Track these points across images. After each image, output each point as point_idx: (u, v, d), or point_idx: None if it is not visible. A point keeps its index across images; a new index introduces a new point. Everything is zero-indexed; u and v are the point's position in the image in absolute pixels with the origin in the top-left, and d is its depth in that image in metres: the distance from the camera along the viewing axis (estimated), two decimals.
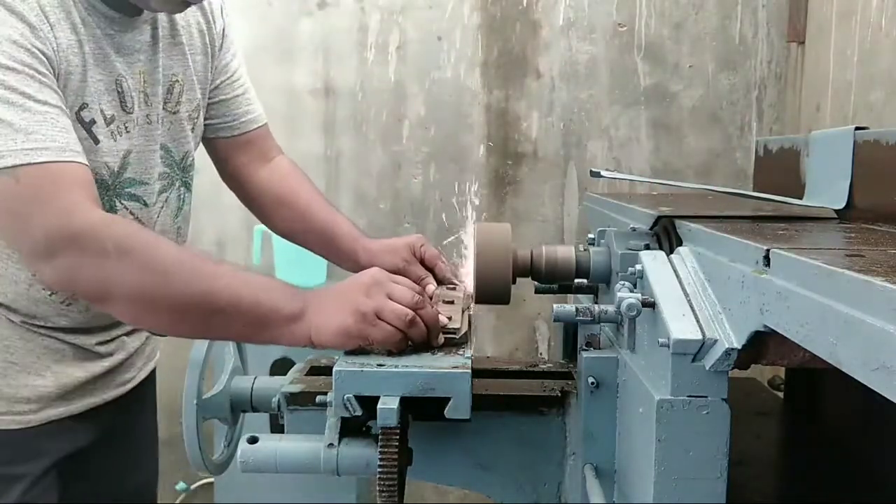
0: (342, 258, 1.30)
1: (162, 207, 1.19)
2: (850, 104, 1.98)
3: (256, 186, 1.35)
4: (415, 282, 1.15)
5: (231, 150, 1.33)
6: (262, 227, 2.21)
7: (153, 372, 1.36)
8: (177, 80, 1.18)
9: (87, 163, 0.95)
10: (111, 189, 1.10)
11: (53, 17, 0.97)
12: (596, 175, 1.04)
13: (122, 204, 1.12)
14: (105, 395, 1.21)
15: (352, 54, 2.49)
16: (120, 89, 1.08)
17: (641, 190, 2.32)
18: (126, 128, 1.09)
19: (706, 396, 0.73)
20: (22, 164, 0.89)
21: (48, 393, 1.12)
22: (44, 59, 0.94)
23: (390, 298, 0.91)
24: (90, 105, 1.03)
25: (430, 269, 1.22)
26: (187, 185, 1.25)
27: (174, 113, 1.19)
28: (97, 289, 0.91)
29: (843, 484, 1.13)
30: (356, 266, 1.23)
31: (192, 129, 1.24)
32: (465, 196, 2.51)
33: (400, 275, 1.14)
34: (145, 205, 1.15)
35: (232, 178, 1.37)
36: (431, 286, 1.16)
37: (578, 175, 2.50)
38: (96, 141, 1.05)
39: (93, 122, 1.04)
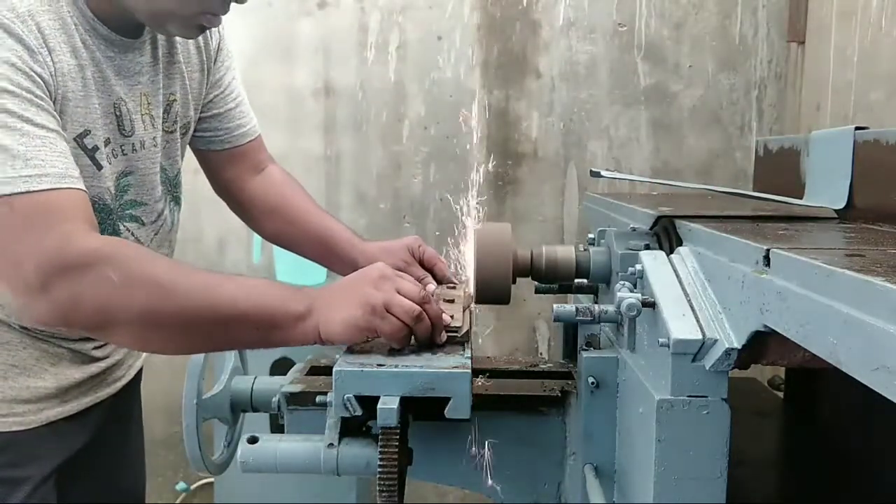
0: (340, 263, 1.29)
1: (161, 224, 1.20)
2: (850, 104, 1.98)
3: (248, 196, 1.34)
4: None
5: (222, 162, 1.32)
6: None
7: (140, 373, 1.37)
8: (175, 100, 1.17)
9: (84, 188, 0.93)
10: (113, 212, 1.09)
11: (53, 41, 0.95)
12: (596, 175, 1.04)
13: (123, 226, 1.11)
14: (99, 393, 1.21)
15: (352, 54, 2.49)
16: (118, 113, 1.06)
17: (641, 190, 2.31)
18: (122, 150, 1.08)
19: (706, 396, 0.73)
20: (20, 193, 0.86)
21: (47, 393, 1.12)
22: (41, 82, 0.92)
23: (398, 293, 0.90)
24: (92, 132, 1.02)
25: (430, 270, 1.22)
26: (177, 200, 1.25)
27: (170, 132, 1.18)
28: (99, 317, 0.87)
29: (843, 484, 1.13)
30: (354, 270, 1.23)
31: (182, 145, 1.24)
32: (465, 196, 2.51)
33: None
34: (142, 224, 1.15)
35: (223, 188, 1.36)
36: (431, 286, 1.16)
37: (578, 175, 2.50)
38: (99, 167, 1.04)
39: (95, 148, 1.03)
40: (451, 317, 0.98)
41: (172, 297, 0.87)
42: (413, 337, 0.92)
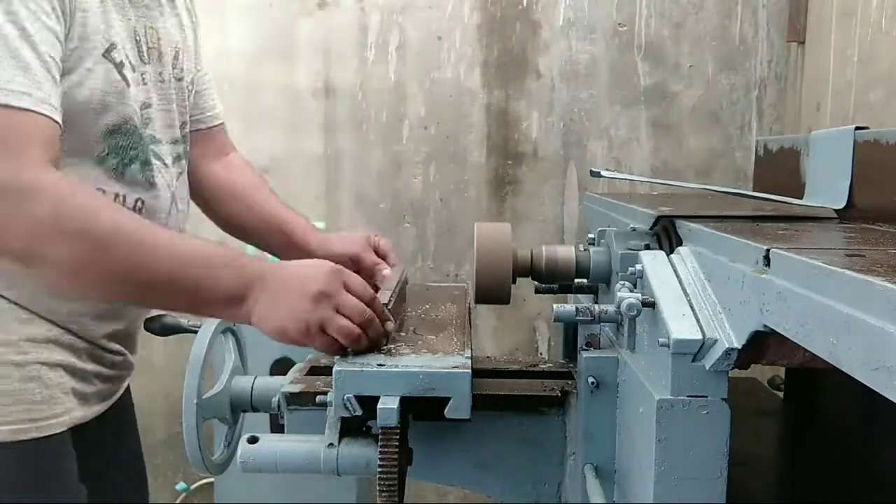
0: (294, 247, 1.29)
1: (181, 173, 1.20)
2: (850, 104, 1.98)
3: (208, 178, 1.34)
4: (370, 266, 1.20)
5: (190, 142, 1.31)
6: None
7: (129, 388, 1.32)
8: (179, 49, 1.18)
9: (59, 122, 0.92)
10: (143, 139, 1.09)
11: None
12: (596, 175, 1.05)
13: (152, 153, 1.11)
14: (114, 387, 1.20)
15: (352, 54, 2.49)
16: (137, 38, 1.07)
17: (641, 190, 2.32)
18: (143, 79, 1.09)
19: (706, 396, 0.73)
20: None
21: (64, 390, 1.09)
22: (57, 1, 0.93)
23: (338, 311, 0.89)
24: (118, 46, 1.02)
25: (383, 258, 1.25)
26: (186, 155, 1.24)
27: (179, 80, 1.18)
28: (27, 248, 0.87)
29: (843, 484, 1.13)
30: (307, 255, 1.23)
31: (190, 101, 1.24)
32: (465, 196, 2.51)
33: (355, 261, 1.18)
34: (166, 165, 1.15)
35: None
36: (386, 270, 1.17)
37: (578, 175, 2.50)
38: (127, 84, 1.04)
39: (122, 63, 1.03)
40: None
41: (106, 251, 0.87)
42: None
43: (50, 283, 1.01)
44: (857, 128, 1.10)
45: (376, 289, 1.05)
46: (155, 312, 1.30)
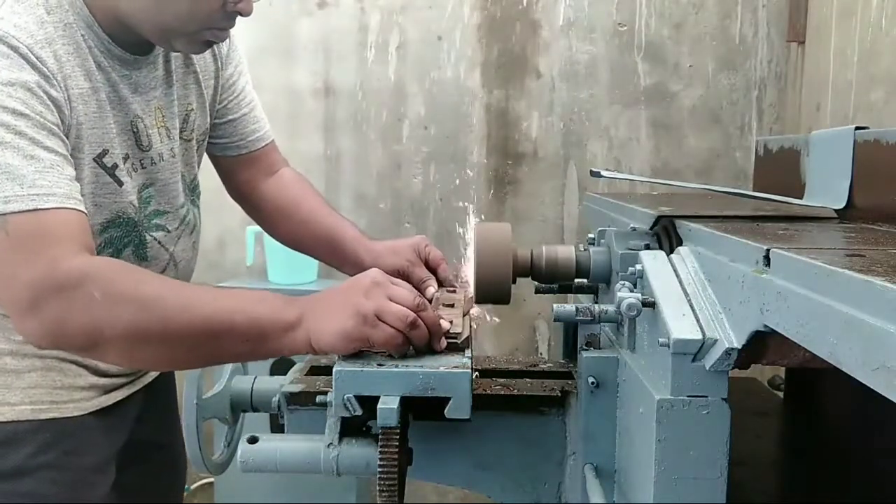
0: (346, 261, 1.29)
1: (184, 230, 1.22)
2: (850, 104, 1.98)
3: (261, 198, 1.36)
4: (417, 283, 1.16)
5: (236, 167, 1.33)
6: (255, 227, 2.23)
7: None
8: (192, 109, 1.19)
9: (84, 210, 0.94)
10: (139, 224, 1.11)
11: (69, 67, 0.97)
12: (596, 175, 1.04)
13: (150, 236, 1.14)
14: (141, 377, 1.22)
15: (352, 54, 2.50)
16: (135, 129, 1.08)
17: (641, 190, 2.32)
18: (142, 164, 1.10)
19: (706, 396, 0.73)
20: (25, 210, 0.87)
21: (101, 384, 1.13)
22: (54, 109, 0.94)
23: (391, 300, 0.89)
24: (110, 151, 1.04)
25: (433, 271, 1.22)
26: (194, 203, 1.26)
27: (188, 140, 1.20)
28: (88, 336, 0.88)
29: (843, 484, 1.13)
30: (359, 268, 1.22)
31: (200, 151, 1.26)
32: (465, 196, 2.51)
33: (404, 275, 1.15)
34: (167, 231, 1.17)
35: (236, 191, 1.37)
36: (432, 289, 1.16)
37: (578, 175, 2.50)
38: (120, 184, 1.06)
39: (115, 166, 1.05)
40: (451, 322, 0.96)
41: (157, 312, 0.88)
42: (411, 345, 0.90)
43: (116, 362, 1.03)
44: (857, 128, 1.10)
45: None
46: None
